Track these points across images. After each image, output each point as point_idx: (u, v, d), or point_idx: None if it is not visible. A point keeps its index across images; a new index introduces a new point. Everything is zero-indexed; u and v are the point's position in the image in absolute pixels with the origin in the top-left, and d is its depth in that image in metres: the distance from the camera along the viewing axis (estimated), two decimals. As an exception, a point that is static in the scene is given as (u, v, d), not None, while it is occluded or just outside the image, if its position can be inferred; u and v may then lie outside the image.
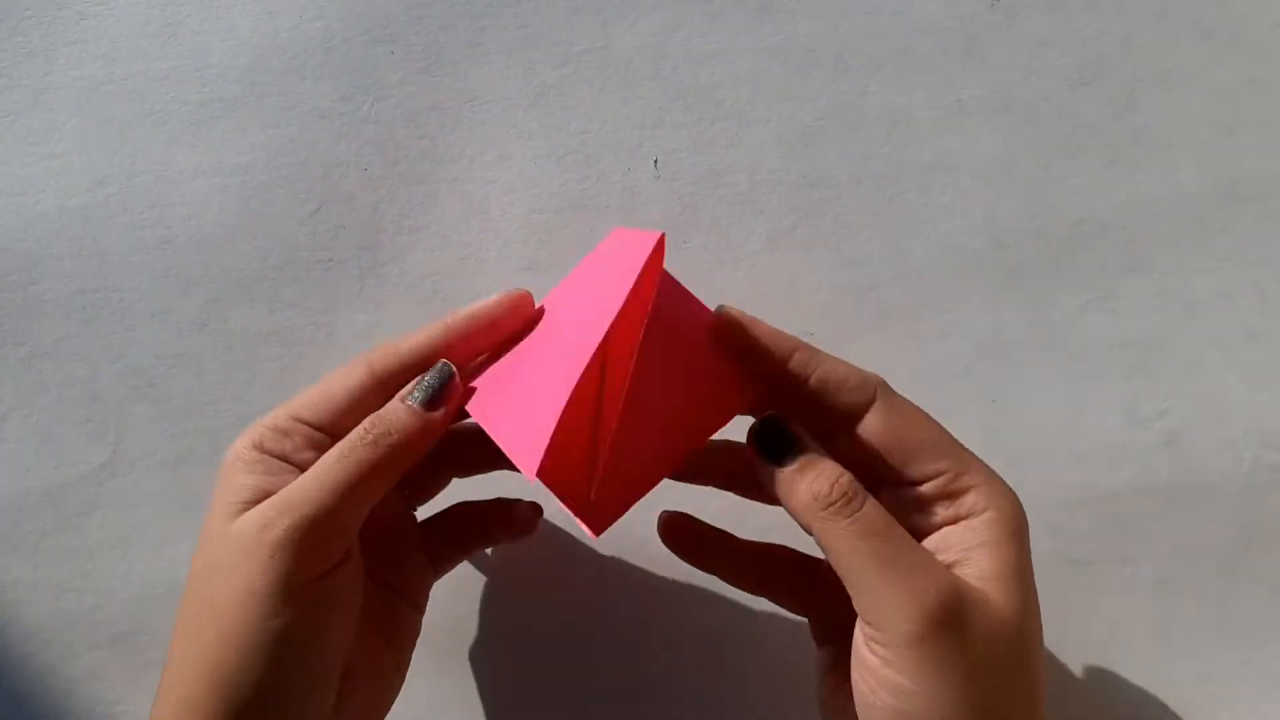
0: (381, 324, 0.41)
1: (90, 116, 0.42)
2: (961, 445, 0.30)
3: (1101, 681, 0.39)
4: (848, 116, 0.41)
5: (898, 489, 0.30)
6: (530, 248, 0.42)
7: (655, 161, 0.42)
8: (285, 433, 0.32)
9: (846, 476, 0.29)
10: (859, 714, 0.29)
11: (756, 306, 0.41)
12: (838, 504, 0.28)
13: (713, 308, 0.31)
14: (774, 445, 0.30)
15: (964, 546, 0.29)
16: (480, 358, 0.34)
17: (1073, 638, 0.39)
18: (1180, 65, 0.41)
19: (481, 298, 0.34)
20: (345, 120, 0.42)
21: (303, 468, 0.32)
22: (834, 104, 0.42)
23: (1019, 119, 0.41)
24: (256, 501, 0.31)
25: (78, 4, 0.43)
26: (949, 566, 0.29)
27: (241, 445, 0.33)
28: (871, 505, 0.29)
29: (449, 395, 0.32)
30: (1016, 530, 0.29)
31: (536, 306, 0.34)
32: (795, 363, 0.31)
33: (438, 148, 0.42)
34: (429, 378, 0.32)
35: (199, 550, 0.31)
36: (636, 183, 0.42)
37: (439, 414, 0.31)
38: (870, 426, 0.30)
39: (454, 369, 0.32)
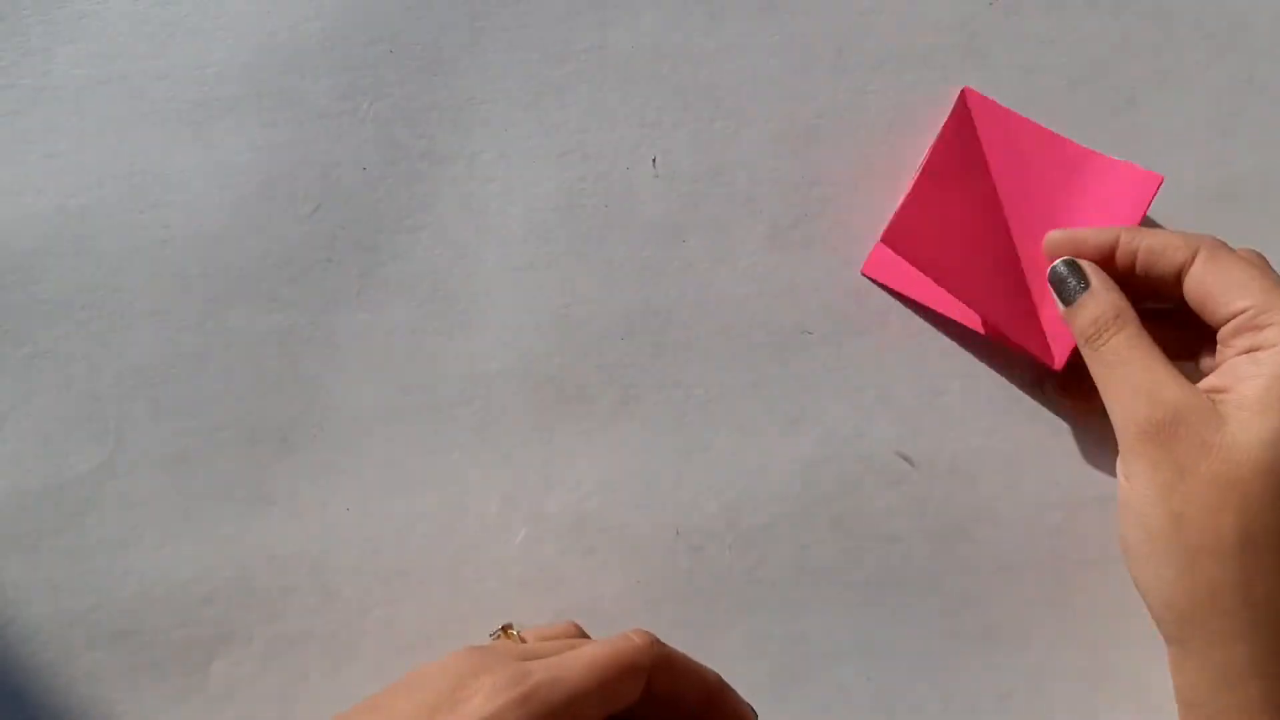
0: (380, 324, 0.41)
1: (89, 115, 0.42)
2: (1276, 288, 0.33)
3: (1101, 681, 0.39)
4: (848, 116, 0.41)
5: (1216, 330, 0.34)
6: (529, 247, 0.42)
7: (654, 160, 0.42)
8: None
9: (1107, 313, 0.35)
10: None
11: (756, 306, 0.41)
12: (1090, 337, 0.35)
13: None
14: (1060, 288, 0.36)
15: (1239, 375, 0.32)
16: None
17: (1073, 637, 0.39)
18: (1179, 65, 0.41)
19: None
20: (344, 119, 0.42)
21: None
22: (834, 103, 0.42)
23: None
24: None
25: (77, 3, 0.43)
26: (1221, 391, 0.32)
27: None
28: (1119, 338, 0.34)
29: None
30: None
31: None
32: (1121, 247, 0.36)
33: (436, 147, 0.42)
34: None
35: None
36: (635, 182, 0.42)
37: None
38: (1190, 279, 0.35)
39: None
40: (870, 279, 0.40)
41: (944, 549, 0.40)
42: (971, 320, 0.39)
